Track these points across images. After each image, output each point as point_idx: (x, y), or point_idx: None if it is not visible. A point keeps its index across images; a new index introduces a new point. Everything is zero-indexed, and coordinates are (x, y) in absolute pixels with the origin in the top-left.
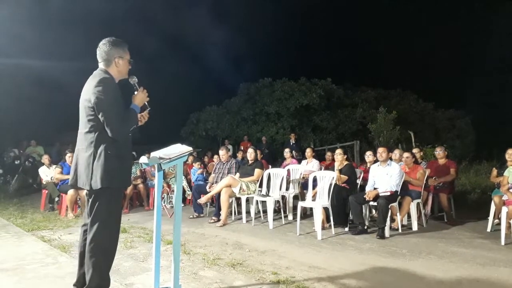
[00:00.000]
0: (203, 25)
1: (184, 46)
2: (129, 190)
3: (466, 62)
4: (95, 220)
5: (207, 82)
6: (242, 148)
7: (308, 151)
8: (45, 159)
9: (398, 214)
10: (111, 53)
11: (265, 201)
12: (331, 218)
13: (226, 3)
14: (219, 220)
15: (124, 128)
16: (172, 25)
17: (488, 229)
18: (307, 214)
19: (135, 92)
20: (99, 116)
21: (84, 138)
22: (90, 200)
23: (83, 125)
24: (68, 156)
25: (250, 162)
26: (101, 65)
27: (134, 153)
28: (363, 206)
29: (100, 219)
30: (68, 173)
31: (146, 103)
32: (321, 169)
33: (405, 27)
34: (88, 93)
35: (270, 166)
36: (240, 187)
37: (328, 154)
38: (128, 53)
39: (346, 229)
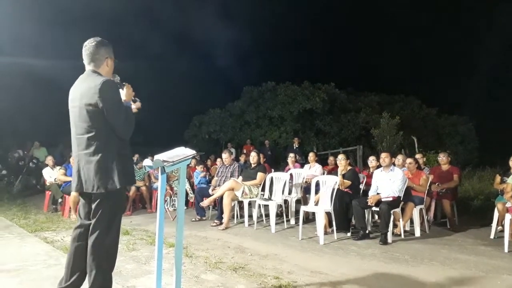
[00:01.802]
0: (207, 27)
1: (187, 47)
2: (132, 192)
3: (470, 66)
4: (100, 221)
5: (210, 85)
6: (245, 152)
7: (311, 156)
8: (49, 160)
9: (400, 220)
10: (102, 53)
11: (267, 205)
12: (334, 223)
13: (230, 6)
14: (221, 223)
15: (131, 128)
16: (178, 27)
17: (491, 236)
18: (310, 218)
19: (120, 90)
20: (109, 120)
21: (87, 143)
22: (96, 202)
23: (84, 130)
24: (72, 158)
25: (253, 165)
26: (90, 66)
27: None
28: (365, 211)
29: (106, 221)
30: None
31: (133, 97)
32: (324, 173)
33: (407, 31)
34: (90, 98)
35: (272, 170)
36: (243, 191)
37: (331, 158)
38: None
39: (349, 234)
